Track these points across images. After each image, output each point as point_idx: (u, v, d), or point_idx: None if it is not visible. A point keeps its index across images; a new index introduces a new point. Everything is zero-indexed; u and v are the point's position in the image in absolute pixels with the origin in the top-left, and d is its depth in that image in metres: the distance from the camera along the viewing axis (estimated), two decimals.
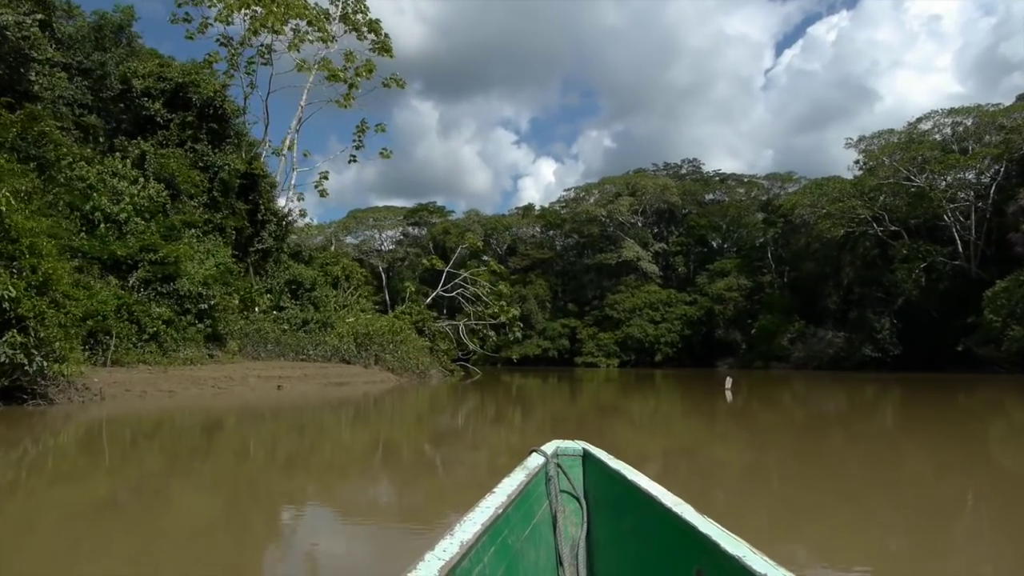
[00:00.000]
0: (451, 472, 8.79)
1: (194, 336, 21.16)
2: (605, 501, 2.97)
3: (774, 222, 66.78)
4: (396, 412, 18.28)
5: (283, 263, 29.36)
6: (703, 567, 2.01)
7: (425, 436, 13.09)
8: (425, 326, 36.94)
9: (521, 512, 2.61)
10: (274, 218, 29.41)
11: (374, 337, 27.56)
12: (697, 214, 74.81)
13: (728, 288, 65.92)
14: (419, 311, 37.75)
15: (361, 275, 37.41)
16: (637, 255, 70.57)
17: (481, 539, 2.05)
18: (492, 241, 79.29)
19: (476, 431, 14.65)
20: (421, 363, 29.62)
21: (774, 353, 60.84)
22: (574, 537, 2.96)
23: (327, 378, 22.82)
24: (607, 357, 68.51)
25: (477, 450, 10.91)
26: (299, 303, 28.67)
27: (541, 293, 73.18)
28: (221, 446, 10.72)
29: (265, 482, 7.59)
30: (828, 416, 17.05)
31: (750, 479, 7.98)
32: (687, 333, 67.79)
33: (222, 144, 27.28)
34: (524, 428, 15.06)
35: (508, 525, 2.40)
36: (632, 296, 69.91)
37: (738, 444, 11.41)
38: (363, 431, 13.35)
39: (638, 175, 75.95)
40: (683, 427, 14.52)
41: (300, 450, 10.45)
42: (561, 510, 2.97)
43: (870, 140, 59.61)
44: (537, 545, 2.75)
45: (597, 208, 73.25)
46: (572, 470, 3.15)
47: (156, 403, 15.59)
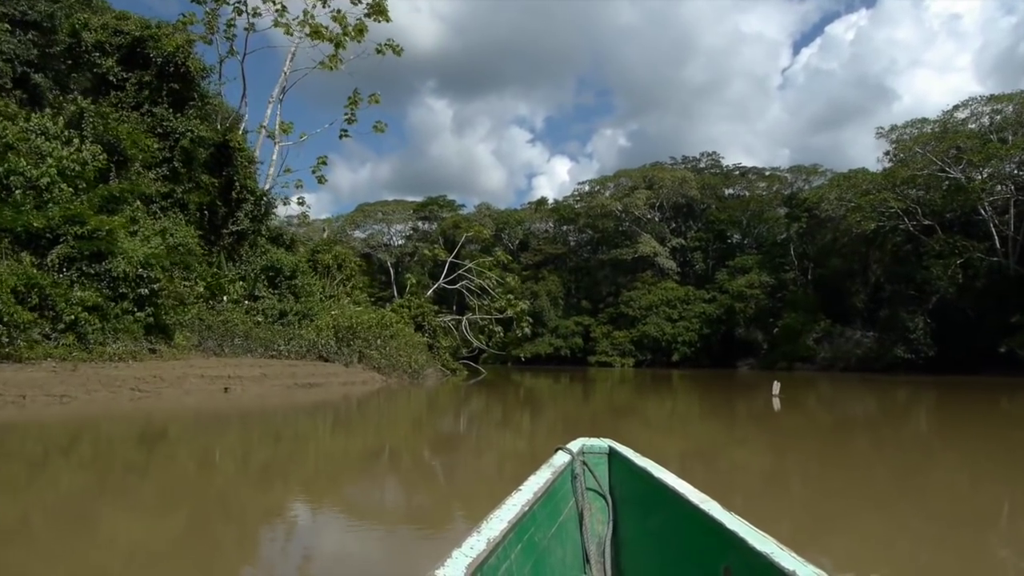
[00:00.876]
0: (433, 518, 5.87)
1: (130, 327, 17.19)
2: (631, 499, 2.92)
3: (798, 217, 62.32)
4: (375, 421, 14.42)
5: (260, 247, 25.39)
6: (731, 564, 1.97)
7: (405, 454, 9.67)
8: (425, 321, 32.94)
9: (547, 510, 2.56)
10: (251, 196, 25.47)
11: (358, 331, 23.59)
12: (716, 208, 70.39)
13: (749, 285, 61.49)
14: (418, 304, 33.76)
15: (356, 264, 33.42)
16: (654, 250, 66.29)
17: (508, 536, 2.01)
18: (504, 236, 75.25)
19: (468, 444, 11.33)
20: (415, 361, 25.59)
21: (798, 354, 56.41)
22: (600, 535, 2.91)
23: (294, 378, 18.85)
24: (622, 356, 64.26)
25: (457, 477, 7.94)
26: (277, 292, 24.72)
27: (554, 290, 69.01)
28: (67, 482, 6.73)
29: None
30: (884, 422, 15.18)
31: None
32: (706, 332, 63.43)
33: (185, 108, 23.31)
34: (531, 438, 12.49)
35: (535, 523, 2.36)
36: (648, 293, 65.63)
37: (797, 464, 9.18)
38: (310, 458, 9.30)
39: (655, 168, 71.64)
40: (740, 448, 10.59)
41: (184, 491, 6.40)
42: (587, 507, 2.93)
43: (902, 130, 55.10)
44: (564, 543, 2.70)
45: (612, 202, 69.00)
46: (598, 468, 3.10)
47: (32, 414, 11.62)
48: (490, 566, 1.84)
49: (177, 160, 22.36)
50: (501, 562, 1.95)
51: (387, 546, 4.88)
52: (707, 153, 75.03)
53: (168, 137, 22.50)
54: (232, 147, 25.21)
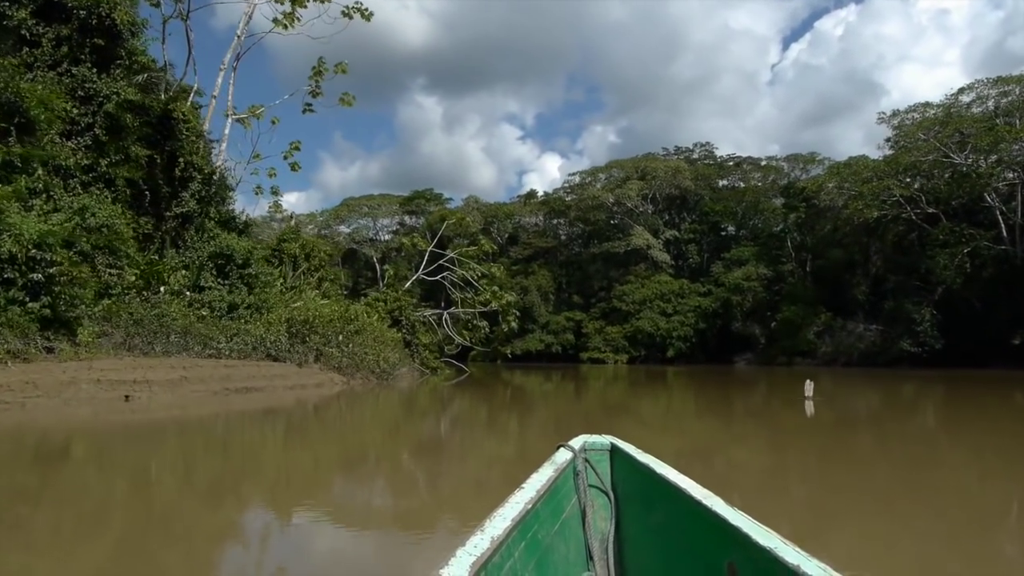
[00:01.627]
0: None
1: (18, 320, 13.76)
2: (634, 495, 2.89)
3: (796, 207, 59.19)
4: (322, 437, 11.08)
5: (208, 232, 21.94)
6: (735, 560, 1.95)
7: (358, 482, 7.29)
8: (403, 315, 29.58)
9: (550, 507, 2.52)
10: (198, 175, 22.06)
11: (316, 326, 20.20)
12: (711, 199, 67.16)
13: (746, 278, 58.27)
14: (395, 297, 30.41)
15: (326, 254, 29.99)
16: (647, 243, 63.02)
17: (511, 534, 1.99)
18: (492, 229, 71.82)
19: (437, 461, 8.91)
20: (384, 360, 22.21)
21: (798, 348, 53.25)
22: (603, 531, 2.89)
23: (229, 381, 15.43)
24: (615, 352, 60.96)
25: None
26: (227, 283, 21.28)
27: (544, 284, 65.67)
28: None
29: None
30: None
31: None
32: (701, 327, 60.20)
33: (111, 68, 19.84)
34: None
35: (538, 520, 2.33)
36: (642, 287, 62.35)
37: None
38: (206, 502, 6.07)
39: (647, 159, 68.35)
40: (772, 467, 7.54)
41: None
42: (590, 504, 2.92)
43: (904, 115, 51.95)
44: (567, 540, 2.68)
45: (604, 193, 65.72)
46: (600, 464, 3.07)
47: None
48: (494, 564, 1.80)
49: (99, 127, 18.90)
50: (505, 560, 1.91)
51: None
52: (700, 144, 71.85)
53: (91, 101, 19.04)
54: (176, 118, 21.79)
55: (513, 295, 35.71)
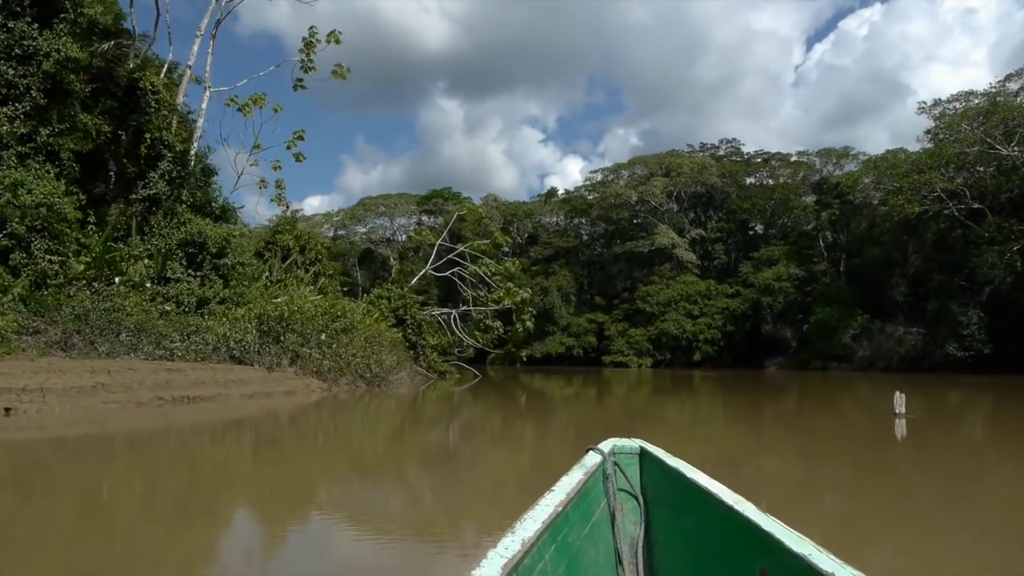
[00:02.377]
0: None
1: None
2: (664, 499, 2.83)
3: (829, 204, 55.50)
4: (254, 471, 8.01)
5: (179, 216, 18.98)
6: (767, 566, 1.90)
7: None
8: (408, 314, 26.54)
9: (580, 510, 2.48)
10: (168, 153, 19.15)
11: (292, 323, 17.15)
12: (739, 197, 63.56)
13: (777, 278, 54.60)
14: (400, 294, 27.37)
15: (323, 246, 26.99)
16: (672, 242, 59.56)
17: (542, 537, 1.96)
18: (512, 229, 68.70)
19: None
20: (377, 363, 19.12)
21: (833, 352, 49.60)
22: (633, 535, 2.82)
23: (165, 389, 12.40)
24: (639, 356, 57.49)
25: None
26: (199, 274, 18.34)
27: (565, 285, 62.36)
28: None
29: None
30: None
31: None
32: (729, 329, 56.58)
33: (53, 23, 16.90)
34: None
35: (568, 523, 2.29)
36: (667, 288, 58.87)
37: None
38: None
39: (672, 155, 64.87)
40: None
41: None
42: (619, 508, 2.86)
43: (946, 104, 48.12)
44: (596, 543, 2.62)
45: (627, 190, 62.34)
46: (629, 468, 2.99)
47: None
48: (525, 567, 1.79)
49: (36, 90, 15.97)
50: (536, 562, 1.90)
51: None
52: (727, 140, 68.28)
53: (29, 61, 16.16)
54: (143, 89, 18.89)
55: (528, 291, 32.42)
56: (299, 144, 35.81)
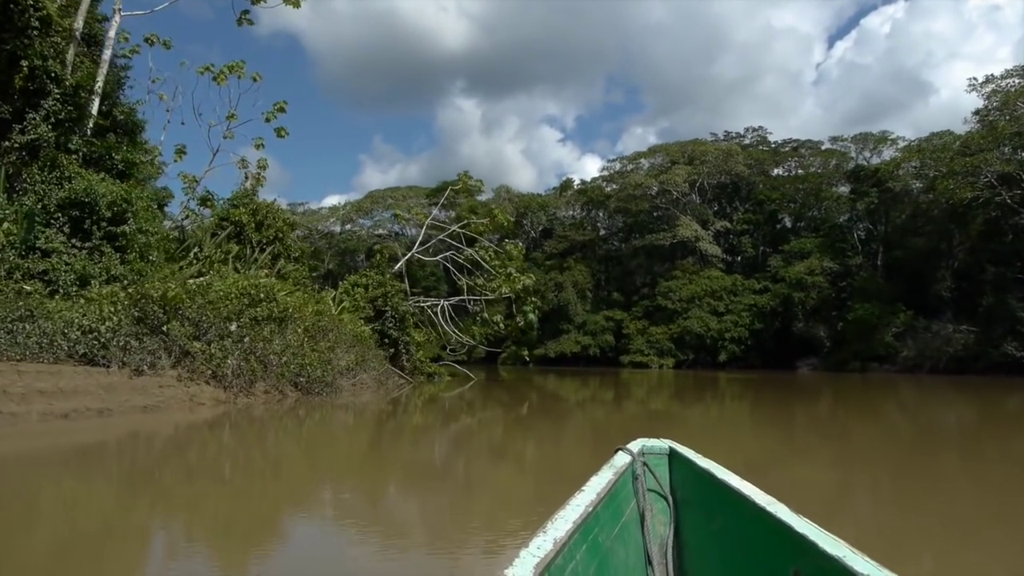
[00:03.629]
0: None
1: None
2: (694, 500, 2.76)
3: (865, 192, 50.30)
4: None
5: (64, 170, 14.40)
6: (801, 568, 1.84)
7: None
8: (388, 304, 22.00)
9: (610, 510, 2.41)
10: (56, 89, 14.70)
11: (186, 308, 12.45)
12: (767, 187, 58.52)
13: (809, 272, 49.53)
14: (380, 282, 22.88)
15: (287, 224, 22.38)
16: (695, 234, 54.64)
17: (573, 536, 1.90)
18: (525, 222, 64.09)
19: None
20: (317, 362, 14.48)
21: (874, 351, 44.53)
22: (662, 536, 2.75)
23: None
24: (660, 356, 52.60)
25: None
26: (87, 244, 13.79)
27: (581, 280, 57.59)
28: None
29: None
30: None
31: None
32: (757, 327, 51.58)
33: None
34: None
35: (598, 523, 2.22)
36: (690, 283, 53.96)
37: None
38: None
39: (695, 143, 59.87)
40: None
41: None
42: (649, 509, 2.77)
43: (1000, 81, 42.82)
44: (626, 544, 2.54)
45: (648, 179, 57.49)
46: (659, 468, 2.92)
47: None
48: (557, 566, 1.74)
49: None
50: (567, 562, 1.84)
51: None
52: (752, 129, 63.09)
53: None
54: (18, 3, 14.43)
55: (531, 278, 27.48)
56: (280, 118, 31.50)
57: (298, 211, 71.72)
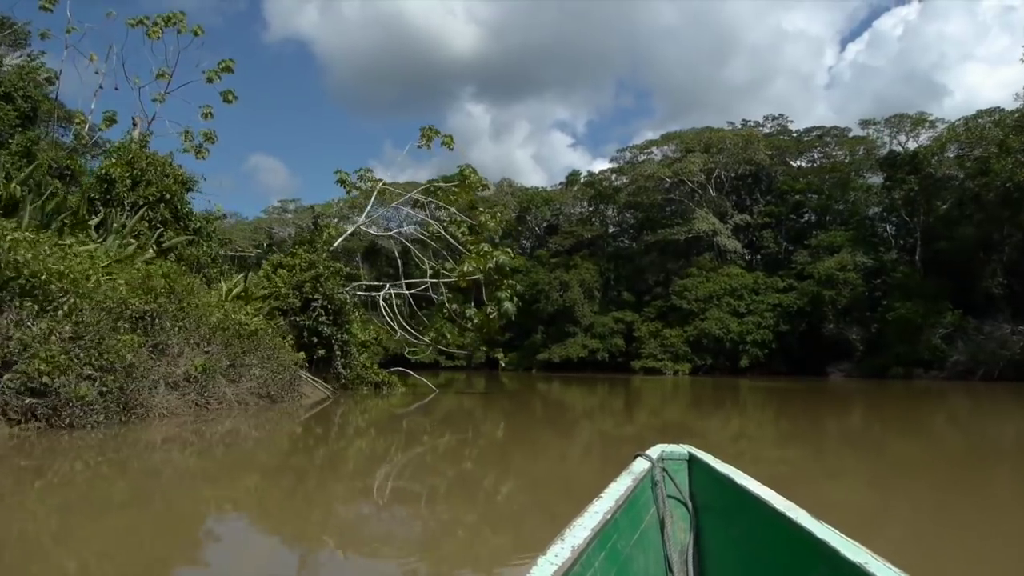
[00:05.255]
0: None
1: None
2: (714, 506, 2.62)
3: (902, 180, 44.23)
4: None
5: None
6: (822, 574, 1.78)
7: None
8: (319, 291, 16.50)
9: (629, 517, 2.34)
10: None
11: None
12: (790, 177, 52.65)
13: (841, 267, 43.54)
14: (309, 261, 17.38)
15: (178, 182, 16.62)
16: (713, 228, 48.84)
17: (591, 544, 1.86)
18: (529, 217, 58.50)
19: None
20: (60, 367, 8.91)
21: (918, 356, 38.51)
22: (683, 543, 2.60)
23: None
24: (674, 361, 46.75)
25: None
26: None
27: (588, 279, 51.85)
28: None
29: None
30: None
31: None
32: (782, 329, 45.62)
33: None
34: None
35: (617, 530, 2.17)
36: (707, 281, 48.11)
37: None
38: None
39: (710, 131, 54.03)
40: None
41: None
42: (669, 515, 2.62)
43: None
44: (646, 551, 2.45)
45: (661, 169, 51.73)
46: (678, 474, 2.78)
47: None
48: (575, 574, 1.69)
49: None
50: (585, 570, 1.80)
51: None
52: (772, 116, 57.05)
53: None
54: None
55: (508, 253, 21.24)
56: (226, 79, 26.25)
57: (290, 209, 66.67)
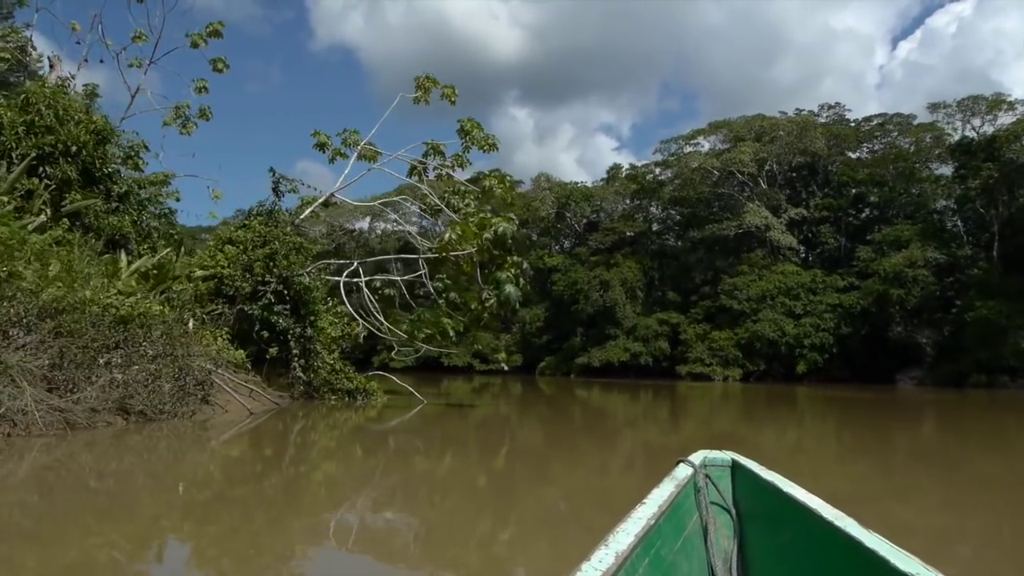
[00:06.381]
0: None
1: None
2: (758, 514, 2.55)
3: (978, 169, 39.44)
4: None
5: None
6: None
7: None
8: (275, 271, 13.14)
9: (672, 523, 2.26)
10: None
11: None
12: (850, 167, 48.03)
13: (910, 264, 38.92)
14: (260, 234, 13.99)
15: (91, 130, 13.21)
16: (765, 222, 44.55)
17: (635, 550, 1.82)
18: (568, 214, 54.81)
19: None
20: None
21: (1003, 361, 33.83)
22: (726, 550, 2.53)
23: None
24: (724, 366, 42.58)
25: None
26: None
27: (630, 278, 47.94)
28: None
29: None
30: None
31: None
32: (844, 332, 41.10)
33: None
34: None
35: (660, 536, 2.09)
36: (759, 279, 43.84)
37: None
38: None
39: (761, 119, 49.64)
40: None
41: None
42: (712, 522, 2.56)
43: None
44: (690, 558, 2.36)
45: (708, 160, 47.62)
46: (721, 481, 2.70)
47: None
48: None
49: None
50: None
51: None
52: (827, 105, 52.35)
53: None
54: None
55: (512, 220, 15.96)
56: (214, 45, 23.22)
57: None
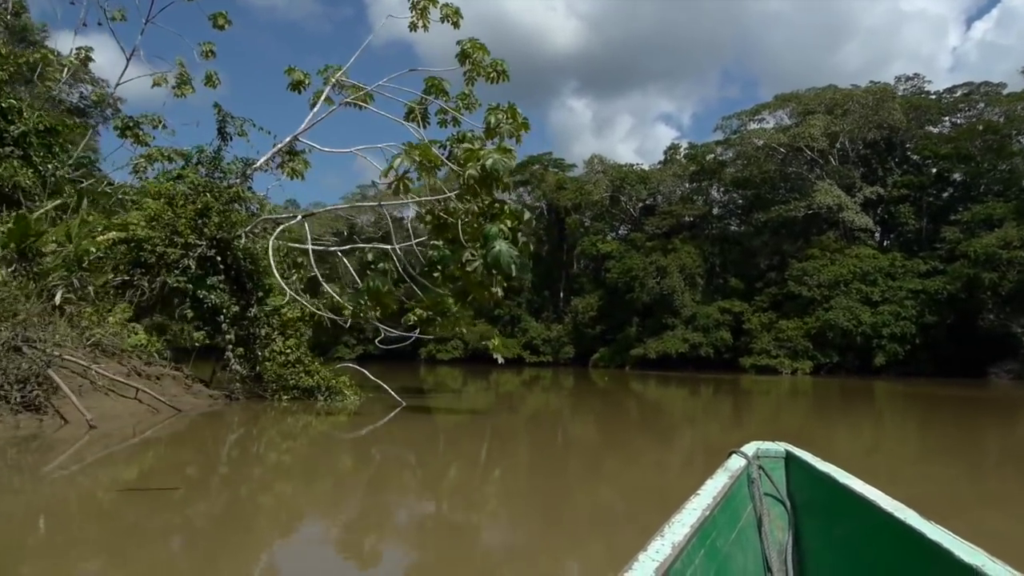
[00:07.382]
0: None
1: None
2: (813, 505, 2.50)
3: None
4: None
5: None
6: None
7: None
8: (206, 232, 10.71)
9: (727, 515, 2.25)
10: None
11: None
12: (932, 141, 43.63)
13: (1004, 244, 34.63)
14: (200, 185, 11.49)
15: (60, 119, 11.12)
16: (838, 202, 40.63)
17: (691, 541, 1.81)
18: (623, 197, 51.65)
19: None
20: None
21: None
22: (781, 542, 2.50)
23: None
24: (792, 358, 39.01)
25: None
26: None
27: (689, 264, 44.57)
28: None
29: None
30: None
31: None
32: (928, 321, 37.04)
33: None
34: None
35: (715, 528, 2.09)
36: (831, 264, 40.04)
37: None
38: None
39: (832, 90, 45.50)
40: None
41: None
42: (766, 513, 2.52)
43: None
44: (744, 549, 2.34)
45: (774, 136, 43.85)
46: (775, 472, 2.67)
47: None
48: (675, 571, 1.65)
49: None
50: (686, 567, 1.74)
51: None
52: (905, 76, 47.86)
53: None
54: None
55: (511, 153, 10.50)
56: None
57: (369, 196, 62.48)
